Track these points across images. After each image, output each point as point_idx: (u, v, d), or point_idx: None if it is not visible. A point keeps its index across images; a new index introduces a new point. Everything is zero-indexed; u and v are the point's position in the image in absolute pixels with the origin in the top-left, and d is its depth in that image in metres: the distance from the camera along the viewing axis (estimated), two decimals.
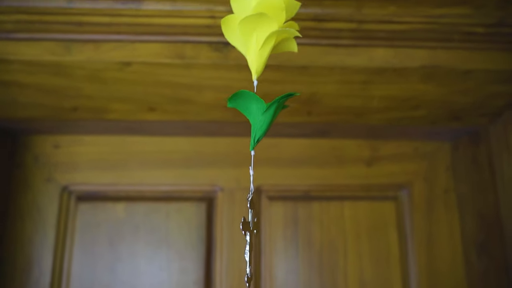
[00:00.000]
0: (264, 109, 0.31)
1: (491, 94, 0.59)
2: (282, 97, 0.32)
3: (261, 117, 0.32)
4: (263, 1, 0.32)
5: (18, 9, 0.50)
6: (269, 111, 0.31)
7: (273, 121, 0.32)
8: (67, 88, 0.57)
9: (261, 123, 0.32)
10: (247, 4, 0.33)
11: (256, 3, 0.32)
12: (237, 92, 0.31)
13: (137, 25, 0.52)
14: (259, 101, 0.31)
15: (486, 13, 0.53)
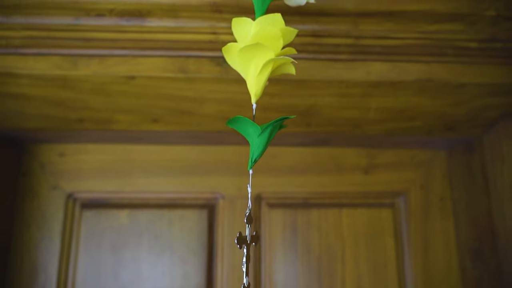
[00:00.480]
0: (259, 132, 0.33)
1: (484, 106, 0.61)
2: (276, 121, 0.34)
3: (257, 140, 0.33)
4: (261, 31, 0.34)
5: (26, 25, 0.52)
6: (264, 134, 0.33)
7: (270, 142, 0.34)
8: (73, 100, 0.59)
9: (258, 145, 0.34)
10: (246, 32, 0.35)
11: (254, 32, 0.34)
12: (234, 118, 0.33)
13: (141, 41, 0.53)
14: (254, 125, 0.33)
15: (479, 29, 0.54)
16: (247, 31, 0.35)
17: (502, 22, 0.54)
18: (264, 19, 0.35)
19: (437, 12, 0.52)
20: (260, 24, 0.35)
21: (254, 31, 0.34)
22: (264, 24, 0.34)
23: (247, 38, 0.35)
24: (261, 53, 0.34)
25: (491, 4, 0.52)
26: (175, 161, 0.74)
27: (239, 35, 0.36)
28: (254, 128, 0.33)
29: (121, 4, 0.51)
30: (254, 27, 0.35)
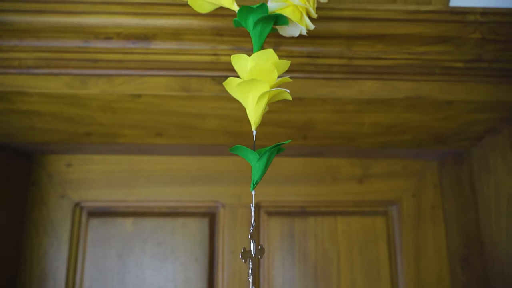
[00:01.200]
0: (257, 159, 0.36)
1: (471, 121, 0.64)
2: (272, 147, 0.37)
3: (257, 164, 0.37)
4: (256, 66, 0.37)
5: (38, 48, 0.55)
6: (262, 159, 0.37)
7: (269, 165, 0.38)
8: (82, 116, 0.62)
9: (257, 169, 0.37)
10: (244, 66, 0.38)
11: (250, 67, 0.37)
12: (235, 146, 0.37)
13: (147, 62, 0.57)
14: (253, 152, 0.36)
15: (465, 51, 0.58)
16: (245, 65, 0.39)
17: (486, 44, 0.57)
18: (258, 55, 0.38)
19: (425, 35, 0.56)
20: (254, 60, 0.38)
21: (250, 66, 0.38)
22: (258, 59, 0.38)
23: (245, 71, 0.38)
24: (257, 86, 0.37)
25: (476, 28, 0.56)
26: (177, 171, 0.77)
27: (238, 68, 0.39)
28: (253, 154, 0.37)
29: (128, 28, 0.54)
30: (250, 63, 0.38)
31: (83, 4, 0.52)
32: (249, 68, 0.38)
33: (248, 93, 0.38)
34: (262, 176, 0.38)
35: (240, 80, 0.38)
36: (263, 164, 0.37)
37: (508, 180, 0.64)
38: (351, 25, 0.54)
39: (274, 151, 0.37)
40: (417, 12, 0.54)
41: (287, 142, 0.39)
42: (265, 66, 0.38)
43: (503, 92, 0.60)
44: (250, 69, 0.38)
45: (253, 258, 0.37)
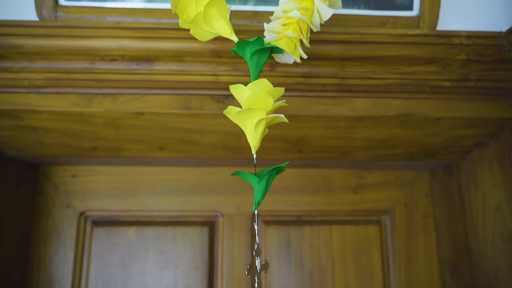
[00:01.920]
0: (258, 181, 0.40)
1: (459, 136, 0.67)
2: (271, 170, 0.40)
3: (258, 186, 0.40)
4: (252, 95, 0.40)
5: (47, 69, 0.58)
6: (262, 181, 0.40)
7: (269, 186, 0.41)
8: (87, 132, 0.65)
9: (258, 190, 0.40)
10: (242, 94, 0.41)
11: (247, 96, 0.40)
12: (236, 171, 0.39)
13: (149, 81, 0.60)
14: (253, 176, 0.39)
15: (451, 70, 0.61)
16: (243, 94, 0.42)
17: (472, 64, 0.60)
18: (254, 85, 0.41)
19: (414, 56, 0.59)
20: (251, 90, 0.41)
21: (247, 95, 0.41)
22: (254, 89, 0.41)
23: (243, 98, 0.42)
24: (254, 114, 0.40)
25: (462, 50, 0.59)
26: (178, 181, 0.80)
27: (237, 96, 0.42)
28: (253, 178, 0.40)
29: (132, 51, 0.57)
30: (247, 92, 0.41)
31: (90, 29, 0.55)
32: (246, 97, 0.41)
33: (247, 120, 0.41)
34: (263, 197, 0.41)
35: (238, 109, 0.41)
36: (264, 186, 0.40)
37: (495, 193, 0.67)
38: (344, 47, 0.58)
39: (273, 173, 0.41)
40: (405, 36, 0.57)
41: (285, 164, 0.42)
42: (260, 95, 0.41)
43: (488, 109, 0.63)
44: (247, 98, 0.41)
45: (259, 273, 0.40)
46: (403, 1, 0.59)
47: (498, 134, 0.66)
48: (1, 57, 0.58)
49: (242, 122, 0.42)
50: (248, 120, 0.41)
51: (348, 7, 0.59)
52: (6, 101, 0.60)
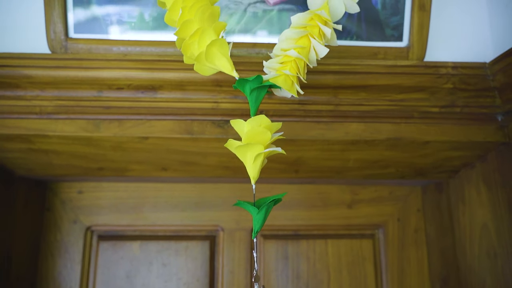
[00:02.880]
0: (257, 211, 0.43)
1: (447, 158, 0.71)
2: (270, 202, 0.43)
3: (257, 216, 0.43)
4: (251, 130, 0.44)
5: (58, 97, 0.62)
6: (261, 211, 0.43)
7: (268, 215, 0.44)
8: (94, 154, 0.68)
9: (258, 220, 0.43)
10: (241, 128, 0.45)
11: (246, 131, 0.44)
12: (238, 202, 0.43)
13: (154, 108, 0.63)
14: (253, 206, 0.43)
15: (439, 98, 0.64)
16: (243, 128, 0.45)
17: (458, 92, 0.64)
18: (253, 121, 0.45)
19: (403, 85, 0.62)
20: (250, 125, 0.45)
21: (246, 130, 0.44)
22: (253, 124, 0.44)
23: (243, 132, 0.45)
24: (253, 148, 0.44)
25: (448, 79, 0.62)
26: (180, 197, 0.84)
27: (238, 130, 0.46)
28: (253, 208, 0.43)
29: (137, 81, 0.61)
30: (246, 127, 0.45)
31: (98, 61, 0.59)
32: (245, 132, 0.44)
33: (246, 154, 0.45)
34: (262, 226, 0.44)
35: (238, 144, 0.45)
36: (263, 216, 0.43)
37: (481, 211, 0.70)
38: (337, 77, 0.61)
39: (272, 204, 0.44)
40: (395, 66, 0.61)
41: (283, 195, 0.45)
42: (259, 130, 0.45)
43: (475, 133, 0.66)
44: (246, 132, 0.44)
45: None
46: (393, 33, 0.63)
47: (485, 156, 0.70)
48: (15, 86, 0.61)
49: (242, 155, 0.45)
50: (248, 154, 0.45)
51: (342, 39, 0.63)
52: (19, 126, 0.63)
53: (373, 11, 0.62)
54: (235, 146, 0.44)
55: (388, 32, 0.63)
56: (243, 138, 0.45)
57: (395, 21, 0.63)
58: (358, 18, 0.62)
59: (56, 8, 0.59)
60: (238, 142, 0.45)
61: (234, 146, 0.45)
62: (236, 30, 0.61)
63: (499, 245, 0.66)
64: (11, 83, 0.61)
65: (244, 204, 0.44)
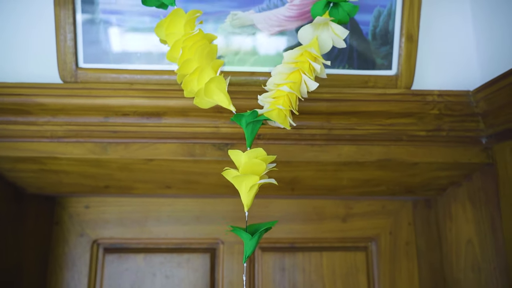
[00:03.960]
0: (250, 238, 0.47)
1: (435, 177, 0.75)
2: (263, 229, 0.47)
3: (249, 242, 0.47)
4: (248, 161, 0.48)
5: (68, 123, 0.66)
6: (254, 238, 0.47)
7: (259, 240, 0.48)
8: (102, 174, 0.72)
9: (250, 246, 0.47)
10: (239, 159, 0.49)
11: (244, 163, 0.48)
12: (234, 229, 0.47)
13: (158, 132, 0.67)
14: (245, 233, 0.47)
15: (426, 122, 0.68)
16: (239, 159, 0.49)
17: (444, 117, 0.68)
18: (250, 153, 0.49)
19: (392, 111, 0.67)
20: (247, 157, 0.49)
21: (243, 162, 0.48)
22: (250, 156, 0.49)
23: (239, 162, 0.49)
24: (249, 179, 0.48)
25: (435, 106, 0.66)
26: (182, 211, 0.88)
27: (235, 159, 0.50)
28: (245, 235, 0.47)
29: (142, 108, 0.65)
30: (243, 158, 0.49)
31: (106, 90, 0.63)
32: (242, 163, 0.49)
33: (242, 183, 0.49)
34: (253, 251, 0.48)
35: (235, 174, 0.49)
36: (255, 242, 0.47)
37: (467, 228, 0.74)
38: (330, 104, 0.65)
39: (263, 232, 0.48)
40: (384, 95, 0.65)
41: (274, 223, 0.49)
42: (255, 162, 0.49)
43: (460, 154, 0.70)
44: (244, 164, 0.49)
45: None
46: (383, 62, 0.67)
47: (470, 176, 0.74)
48: (28, 112, 0.65)
49: (238, 184, 0.49)
50: (243, 183, 0.49)
51: (334, 67, 0.67)
52: (31, 149, 0.67)
53: (364, 41, 0.66)
54: (232, 176, 0.48)
55: (378, 61, 0.67)
56: (240, 169, 0.49)
57: (385, 51, 0.67)
58: (350, 48, 0.66)
59: (67, 41, 0.63)
60: (235, 172, 0.49)
61: (231, 175, 0.49)
62: (235, 61, 0.65)
63: (483, 260, 0.71)
64: (24, 110, 0.65)
65: (237, 230, 0.48)
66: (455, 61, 0.72)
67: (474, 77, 0.71)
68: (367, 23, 0.66)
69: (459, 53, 0.72)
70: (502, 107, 0.62)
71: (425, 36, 0.71)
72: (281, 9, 0.65)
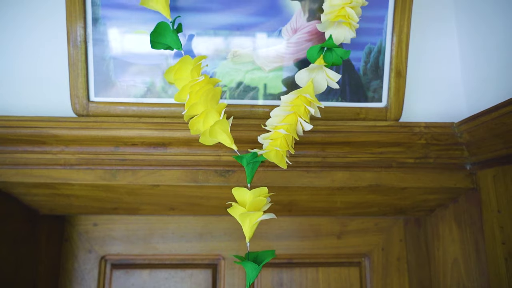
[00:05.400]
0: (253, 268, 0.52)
1: (423, 200, 0.80)
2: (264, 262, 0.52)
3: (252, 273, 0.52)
4: (253, 200, 0.53)
5: (80, 152, 0.71)
6: (258, 268, 0.52)
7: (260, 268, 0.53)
8: (111, 198, 0.77)
9: (252, 276, 0.52)
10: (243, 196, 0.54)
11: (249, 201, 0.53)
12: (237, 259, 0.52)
13: (164, 160, 0.72)
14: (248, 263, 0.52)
15: (414, 150, 0.73)
16: (243, 196, 0.55)
17: (431, 146, 0.73)
18: (254, 192, 0.54)
19: (382, 141, 0.71)
20: (253, 194, 0.54)
21: (249, 200, 0.53)
22: (254, 195, 0.54)
23: (244, 200, 0.54)
24: (253, 215, 0.53)
25: (422, 136, 0.71)
26: (186, 229, 0.93)
27: (239, 198, 0.55)
28: (249, 265, 0.52)
29: (149, 139, 0.70)
30: (249, 196, 0.54)
31: (116, 123, 0.68)
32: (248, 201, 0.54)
33: (246, 218, 0.54)
34: (254, 280, 0.53)
35: (242, 211, 0.54)
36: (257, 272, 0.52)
37: (453, 248, 0.79)
38: (324, 135, 0.70)
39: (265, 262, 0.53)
40: (375, 127, 0.70)
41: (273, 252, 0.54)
42: (259, 200, 0.54)
43: (447, 180, 0.75)
44: (250, 202, 0.54)
45: None
46: (374, 95, 0.72)
47: (456, 199, 0.79)
48: (43, 143, 0.70)
49: (242, 220, 0.54)
50: (248, 218, 0.54)
51: (328, 100, 0.71)
52: (45, 176, 0.72)
53: (356, 76, 0.71)
54: (239, 213, 0.53)
55: (369, 94, 0.72)
56: (246, 206, 0.54)
57: (375, 85, 0.71)
58: (343, 82, 0.71)
59: (80, 77, 0.68)
60: (242, 209, 0.54)
61: (237, 213, 0.54)
62: (235, 95, 0.70)
63: (467, 279, 0.75)
64: (40, 140, 0.70)
65: (241, 261, 0.53)
66: (442, 94, 0.76)
67: (460, 109, 0.76)
68: (359, 59, 0.71)
69: (446, 86, 0.77)
70: (483, 139, 0.67)
71: (413, 70, 0.76)
72: (279, 46, 0.70)
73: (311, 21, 0.69)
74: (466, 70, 0.76)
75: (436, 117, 0.76)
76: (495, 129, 0.63)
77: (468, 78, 0.76)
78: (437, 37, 0.78)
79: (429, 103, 0.76)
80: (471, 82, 0.75)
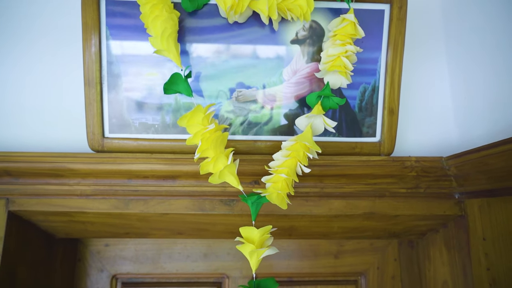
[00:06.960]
0: None
1: (415, 225, 0.85)
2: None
3: None
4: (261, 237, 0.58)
5: (95, 183, 0.76)
6: None
7: None
8: (123, 224, 0.83)
9: None
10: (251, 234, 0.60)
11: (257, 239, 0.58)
12: None
13: (173, 191, 0.78)
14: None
15: (406, 181, 0.79)
16: (251, 233, 0.60)
17: (421, 178, 0.78)
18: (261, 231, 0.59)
19: (376, 174, 0.77)
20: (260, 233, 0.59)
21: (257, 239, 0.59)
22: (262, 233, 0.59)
23: (251, 238, 0.60)
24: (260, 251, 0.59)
25: (413, 169, 0.77)
26: (192, 249, 0.98)
27: (246, 236, 0.61)
28: None
29: (159, 172, 0.75)
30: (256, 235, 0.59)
31: (129, 158, 0.73)
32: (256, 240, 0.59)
33: (254, 254, 0.60)
34: None
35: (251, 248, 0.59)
36: None
37: (442, 270, 0.85)
38: (322, 169, 0.76)
39: None
40: (369, 161, 0.75)
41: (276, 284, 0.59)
42: (266, 237, 0.60)
43: (436, 207, 0.80)
44: (258, 240, 0.59)
45: None
46: (368, 130, 0.77)
47: (446, 224, 0.84)
48: (61, 176, 0.76)
49: (250, 256, 0.60)
50: (255, 254, 0.59)
51: (326, 135, 0.77)
52: (63, 205, 0.77)
53: (352, 113, 0.77)
54: (248, 250, 0.59)
55: (364, 130, 0.77)
56: (255, 243, 0.59)
57: (370, 121, 0.77)
58: (339, 119, 0.77)
59: (95, 116, 0.73)
60: (251, 246, 0.59)
61: (247, 250, 0.60)
62: (239, 131, 0.76)
63: None
64: (58, 174, 0.75)
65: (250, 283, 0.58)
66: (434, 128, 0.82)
67: (451, 142, 0.82)
68: (354, 98, 0.76)
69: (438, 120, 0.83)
70: (468, 174, 0.72)
71: (406, 106, 0.81)
72: (279, 86, 0.75)
73: (309, 63, 0.74)
74: (457, 105, 0.81)
75: (429, 150, 0.81)
76: (479, 166, 0.69)
77: (459, 113, 0.81)
78: (428, 74, 0.83)
79: (421, 137, 0.82)
80: (461, 116, 0.81)
